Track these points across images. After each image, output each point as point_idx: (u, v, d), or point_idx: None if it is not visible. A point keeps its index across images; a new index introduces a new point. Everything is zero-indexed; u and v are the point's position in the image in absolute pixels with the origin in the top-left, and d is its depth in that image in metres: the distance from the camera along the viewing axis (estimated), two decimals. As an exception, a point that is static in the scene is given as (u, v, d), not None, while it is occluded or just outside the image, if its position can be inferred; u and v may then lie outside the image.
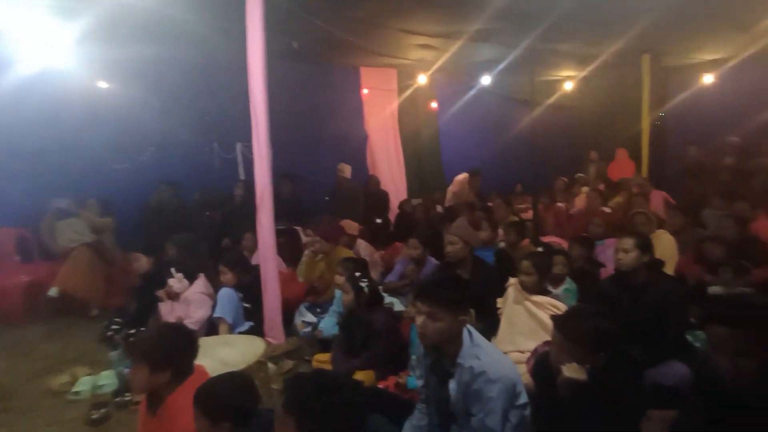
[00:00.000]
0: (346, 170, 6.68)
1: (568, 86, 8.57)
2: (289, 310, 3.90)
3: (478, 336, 1.98)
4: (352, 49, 6.22)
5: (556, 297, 3.04)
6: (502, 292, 3.09)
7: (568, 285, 3.33)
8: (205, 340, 2.84)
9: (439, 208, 6.87)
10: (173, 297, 3.81)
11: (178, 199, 5.54)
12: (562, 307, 2.76)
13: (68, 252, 4.65)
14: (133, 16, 4.30)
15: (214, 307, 3.64)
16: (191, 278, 3.88)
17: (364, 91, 7.49)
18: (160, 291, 3.83)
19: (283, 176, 5.81)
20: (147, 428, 1.90)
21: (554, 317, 2.02)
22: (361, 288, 3.02)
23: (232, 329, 3.54)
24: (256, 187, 3.54)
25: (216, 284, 3.82)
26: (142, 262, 4.18)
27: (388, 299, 3.68)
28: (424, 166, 8.29)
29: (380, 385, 2.72)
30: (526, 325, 2.87)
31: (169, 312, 3.77)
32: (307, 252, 4.64)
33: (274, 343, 3.53)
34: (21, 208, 4.85)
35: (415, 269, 3.93)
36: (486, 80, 7.70)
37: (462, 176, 7.60)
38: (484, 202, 6.68)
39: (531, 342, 2.75)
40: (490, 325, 3.01)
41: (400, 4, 4.69)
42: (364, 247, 4.91)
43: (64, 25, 4.41)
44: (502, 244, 4.46)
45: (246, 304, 3.71)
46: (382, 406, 2.20)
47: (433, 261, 3.91)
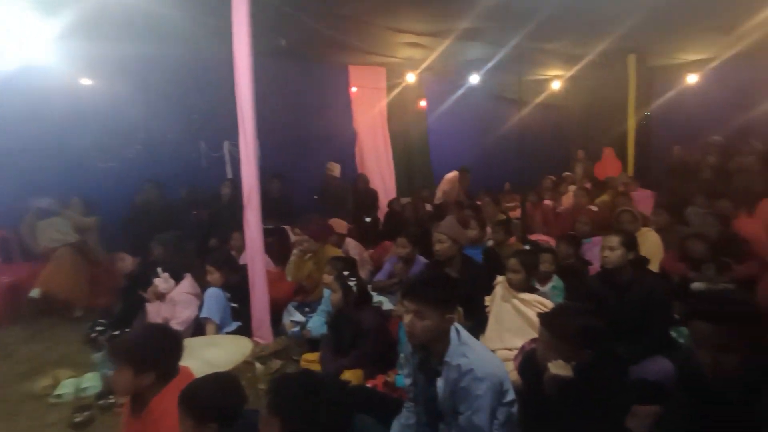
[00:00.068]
0: (335, 169, 6.66)
1: (556, 85, 8.64)
2: (278, 310, 3.87)
3: (465, 334, 1.99)
4: (341, 47, 6.19)
5: (544, 295, 3.07)
6: (490, 290, 3.11)
7: (555, 283, 3.36)
8: (191, 341, 2.82)
9: (428, 207, 6.88)
10: (159, 297, 3.75)
11: (165, 198, 5.47)
12: (549, 305, 2.78)
13: (50, 252, 4.56)
14: (118, 12, 4.22)
15: (201, 307, 3.60)
16: (178, 278, 3.82)
17: (353, 90, 7.46)
18: (147, 291, 3.78)
19: (271, 175, 5.77)
20: (131, 431, 1.87)
21: (541, 315, 2.03)
22: (350, 287, 3.01)
23: (219, 329, 3.51)
24: (243, 186, 3.51)
25: (203, 284, 3.78)
26: (127, 262, 4.11)
27: (377, 298, 3.68)
28: (413, 164, 8.29)
29: (369, 384, 2.72)
30: (513, 322, 2.89)
31: (155, 312, 3.72)
32: (295, 251, 4.61)
33: (262, 342, 3.50)
34: (1, 208, 4.74)
35: (404, 268, 3.93)
36: (474, 79, 7.73)
37: (452, 174, 7.64)
38: (473, 201, 6.72)
39: (519, 339, 2.77)
40: (479, 323, 3.03)
41: (388, 2, 4.68)
42: (353, 246, 4.89)
43: (46, 21, 4.32)
44: (491, 243, 4.48)
45: (234, 304, 3.67)
46: (370, 406, 2.20)
47: (422, 260, 3.91)
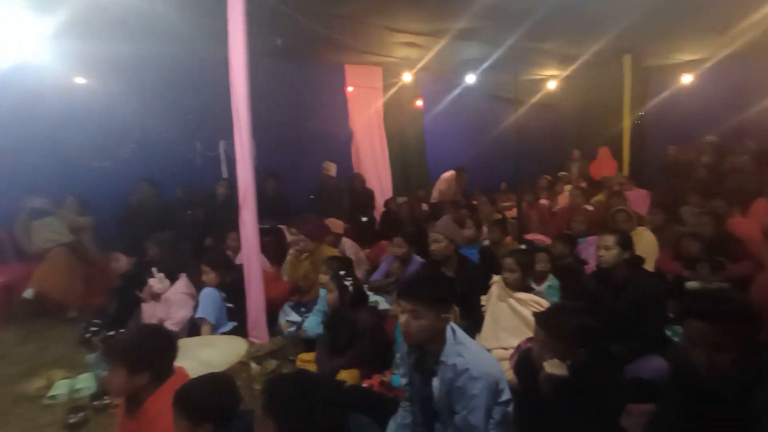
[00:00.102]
0: (331, 168, 6.65)
1: (552, 85, 8.66)
2: (274, 310, 3.86)
3: (461, 333, 1.99)
4: (337, 47, 6.18)
5: (539, 294, 3.08)
6: (486, 289, 3.11)
7: (551, 282, 3.37)
8: (186, 341, 2.80)
9: (424, 206, 6.89)
10: (154, 297, 3.74)
11: (160, 198, 5.44)
12: (544, 304, 2.79)
13: (45, 252, 4.53)
14: (112, 11, 4.20)
15: (196, 307, 3.58)
16: (173, 278, 3.81)
17: (349, 89, 7.45)
18: (143, 291, 3.76)
19: (267, 175, 5.76)
20: (125, 432, 1.86)
21: (536, 314, 2.04)
22: (346, 287, 3.01)
23: (214, 329, 3.49)
24: (239, 186, 3.50)
25: (198, 284, 3.76)
26: (122, 262, 4.09)
27: (373, 298, 3.68)
28: (410, 164, 8.29)
29: (365, 384, 2.72)
30: (509, 321, 2.89)
31: (150, 313, 3.71)
32: (291, 251, 4.60)
33: (258, 343, 3.50)
34: (-5, 208, 4.71)
35: (401, 267, 3.93)
36: (471, 78, 7.73)
37: (449, 174, 7.65)
38: (469, 200, 6.72)
39: (514, 339, 2.78)
40: (475, 322, 3.04)
41: (384, 1, 4.68)
42: (349, 246, 4.89)
43: (40, 19, 4.29)
44: (487, 242, 4.49)
45: (229, 304, 3.66)
46: (366, 406, 2.19)
47: (418, 259, 3.91)
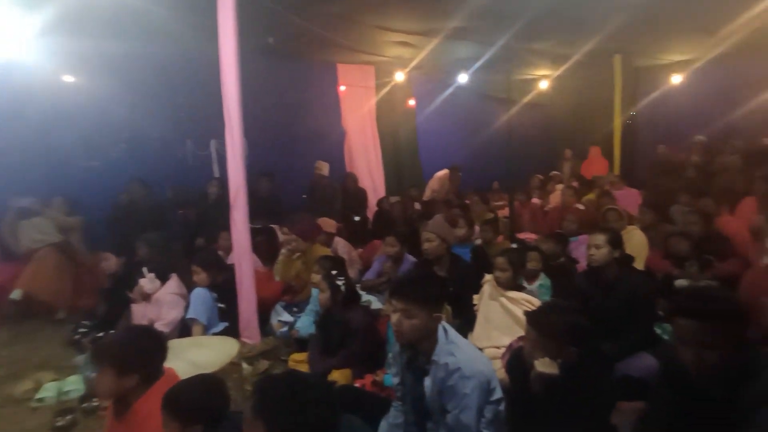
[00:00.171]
0: (324, 168, 6.63)
1: (544, 85, 8.71)
2: (266, 310, 3.84)
3: (453, 333, 1.99)
4: (329, 46, 6.17)
5: (531, 293, 3.09)
6: (478, 288, 3.12)
7: (543, 281, 3.39)
8: (176, 342, 2.78)
9: (417, 206, 6.89)
10: (145, 298, 3.70)
11: (150, 198, 5.38)
12: (536, 303, 2.80)
13: (32, 253, 4.46)
14: (102, 8, 4.15)
15: (187, 308, 3.55)
16: (163, 278, 3.78)
17: (342, 88, 7.43)
18: (133, 291, 3.72)
19: (260, 174, 5.73)
20: (114, 434, 1.84)
21: (527, 313, 2.04)
22: (338, 286, 2.99)
23: (206, 330, 3.47)
24: (230, 185, 3.48)
25: (189, 284, 3.73)
26: (111, 262, 4.04)
27: (366, 297, 3.67)
28: (402, 163, 8.29)
29: (357, 384, 2.71)
30: (501, 320, 2.90)
31: (141, 314, 3.67)
32: (284, 251, 4.58)
33: (249, 343, 3.47)
34: (-19, 208, 4.64)
35: (393, 267, 3.93)
36: (463, 78, 7.75)
37: (443, 172, 7.67)
38: (461, 200, 6.74)
39: (506, 337, 2.79)
40: (467, 322, 3.04)
41: (377, 0, 4.67)
42: (342, 245, 4.88)
43: (28, 16, 4.23)
44: (479, 241, 4.50)
45: (221, 305, 3.64)
46: (358, 406, 2.19)
47: (410, 258, 3.91)
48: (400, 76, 7.52)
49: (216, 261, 3.88)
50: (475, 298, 3.09)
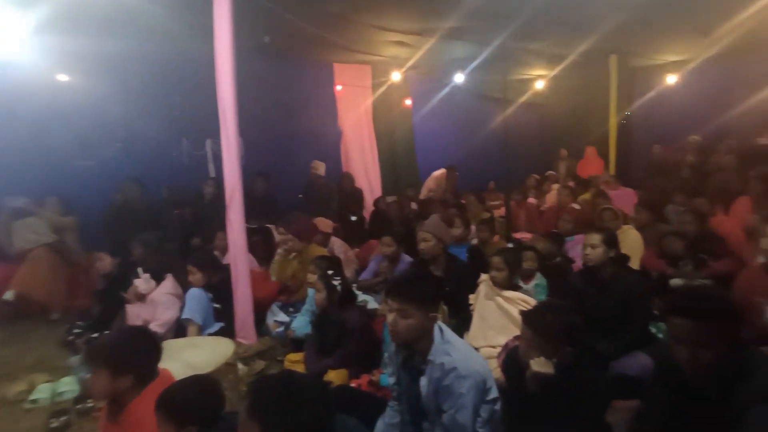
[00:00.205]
0: (320, 167, 6.62)
1: (540, 85, 8.73)
2: (262, 310, 3.83)
3: (448, 332, 1.99)
4: (325, 45, 6.15)
5: (527, 292, 3.10)
6: (474, 288, 3.12)
7: (539, 280, 3.39)
8: (171, 343, 2.77)
9: (413, 206, 6.89)
10: (140, 298, 3.69)
11: (146, 197, 5.36)
12: (532, 303, 2.80)
13: (26, 253, 4.43)
14: (97, 7, 4.13)
15: (182, 308, 3.54)
16: (159, 279, 3.76)
17: (338, 88, 7.42)
18: (128, 292, 3.70)
19: (256, 174, 5.71)
20: (108, 435, 1.83)
21: (522, 312, 2.05)
22: (334, 286, 2.99)
23: (201, 330, 3.45)
24: (226, 185, 3.46)
25: (185, 285, 3.72)
26: (106, 262, 4.02)
27: (362, 297, 3.67)
28: (399, 163, 8.29)
29: (353, 384, 2.70)
30: (497, 320, 2.91)
31: (135, 314, 3.65)
32: (280, 250, 4.57)
33: (245, 343, 3.46)
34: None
35: (390, 266, 3.92)
36: (460, 78, 7.76)
37: (439, 172, 7.68)
38: (458, 199, 6.74)
39: (502, 337, 2.79)
40: (463, 321, 3.04)
41: (373, 0, 4.67)
42: (338, 245, 4.87)
43: (23, 15, 4.19)
44: (475, 241, 4.50)
45: (216, 305, 3.62)
46: (354, 406, 2.18)
47: (407, 258, 3.91)
48: (396, 76, 7.52)
49: (211, 261, 3.87)
50: (471, 298, 3.10)
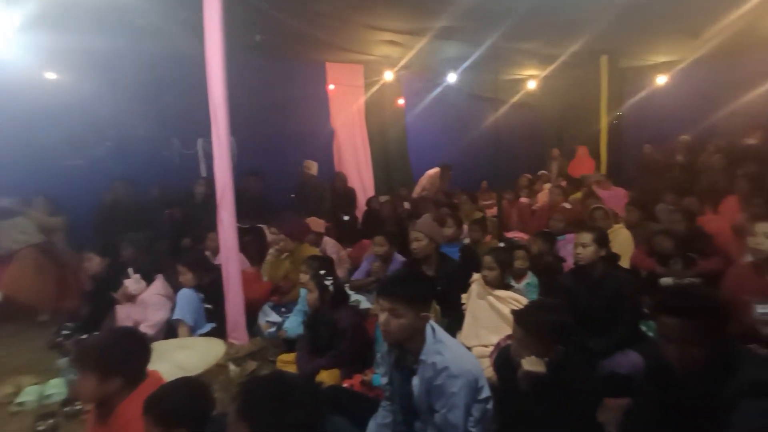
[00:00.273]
0: (312, 167, 6.60)
1: (531, 85, 8.77)
2: (254, 310, 3.81)
3: (440, 332, 1.99)
4: (318, 44, 6.13)
5: (519, 291, 3.11)
6: (466, 287, 3.13)
7: (530, 280, 3.41)
8: (162, 344, 2.74)
9: (406, 205, 6.90)
10: (129, 299, 3.65)
11: (136, 197, 5.31)
12: (523, 302, 2.81)
13: (13, 253, 4.36)
14: (85, 3, 4.07)
15: (173, 309, 3.51)
16: (149, 279, 3.72)
17: (330, 87, 7.40)
18: (117, 293, 3.66)
19: (248, 173, 5.67)
20: (96, 438, 1.80)
21: (514, 311, 2.05)
22: (326, 286, 2.98)
23: (192, 331, 3.42)
24: (217, 185, 3.43)
25: (176, 285, 3.68)
26: (95, 263, 3.96)
27: (355, 297, 3.66)
28: (392, 162, 8.29)
29: (346, 384, 2.70)
30: (489, 319, 2.91)
31: (125, 315, 3.61)
32: (272, 251, 4.55)
33: (237, 344, 3.44)
34: (-41, 208, 4.52)
35: (382, 266, 3.91)
36: (452, 78, 7.77)
37: (433, 171, 7.70)
38: (450, 199, 6.76)
39: (494, 336, 2.79)
40: (455, 320, 3.05)
41: (364, -1, 4.66)
42: (331, 245, 4.86)
43: (9, 11, 4.13)
44: (467, 241, 4.51)
45: (208, 305, 3.60)
46: (347, 406, 2.18)
47: (399, 258, 3.91)
48: (389, 76, 7.52)
49: (202, 261, 3.84)
50: (464, 297, 3.10)
